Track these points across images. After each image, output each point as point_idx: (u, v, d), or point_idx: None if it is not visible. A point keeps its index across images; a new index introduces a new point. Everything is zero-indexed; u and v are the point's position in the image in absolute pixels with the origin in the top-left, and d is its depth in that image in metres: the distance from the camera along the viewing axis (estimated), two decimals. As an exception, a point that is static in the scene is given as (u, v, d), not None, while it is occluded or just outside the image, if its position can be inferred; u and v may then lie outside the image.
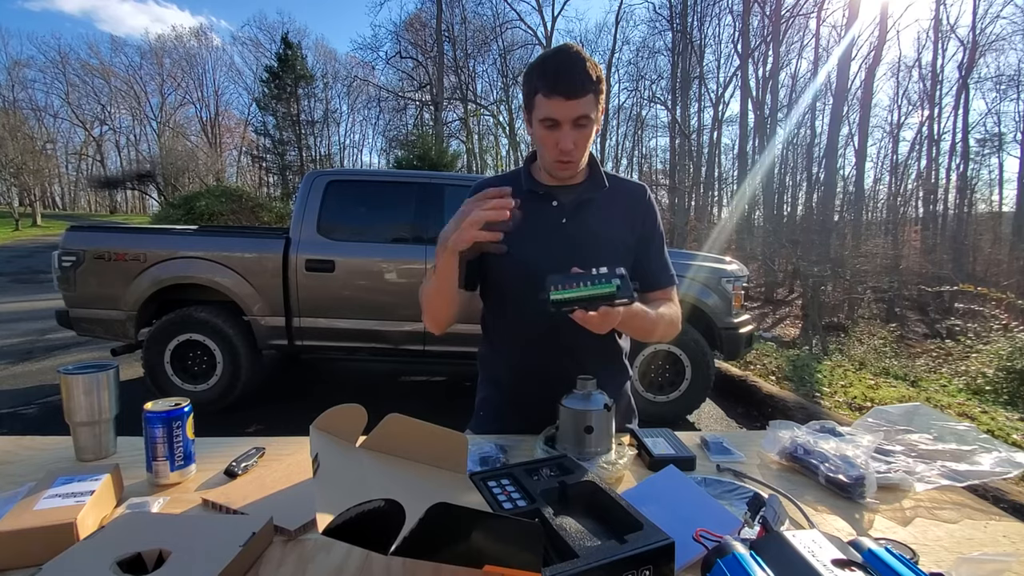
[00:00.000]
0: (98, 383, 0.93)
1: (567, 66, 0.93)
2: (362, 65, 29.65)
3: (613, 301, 0.83)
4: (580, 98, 0.93)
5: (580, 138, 0.97)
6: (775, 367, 4.24)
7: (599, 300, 0.83)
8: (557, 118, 0.94)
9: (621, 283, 0.84)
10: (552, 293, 0.84)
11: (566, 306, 0.84)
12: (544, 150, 1.01)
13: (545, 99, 0.94)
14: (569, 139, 0.96)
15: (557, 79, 0.92)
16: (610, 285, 0.84)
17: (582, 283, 0.84)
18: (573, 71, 0.92)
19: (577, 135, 0.96)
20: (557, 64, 0.93)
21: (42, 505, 0.67)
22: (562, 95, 0.92)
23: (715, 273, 3.41)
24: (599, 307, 0.82)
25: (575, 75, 0.92)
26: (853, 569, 0.52)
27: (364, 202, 3.56)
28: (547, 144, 0.99)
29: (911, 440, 0.96)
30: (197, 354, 3.53)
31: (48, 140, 37.34)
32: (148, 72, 40.94)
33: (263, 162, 28.82)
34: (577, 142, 0.97)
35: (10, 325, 6.15)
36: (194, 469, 0.88)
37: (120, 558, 0.60)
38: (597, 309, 0.82)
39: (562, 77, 0.92)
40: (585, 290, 0.84)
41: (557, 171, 1.03)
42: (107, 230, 3.85)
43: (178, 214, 15.32)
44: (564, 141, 0.96)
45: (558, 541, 0.60)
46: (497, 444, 0.98)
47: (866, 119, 11.55)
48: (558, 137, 0.96)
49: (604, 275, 0.84)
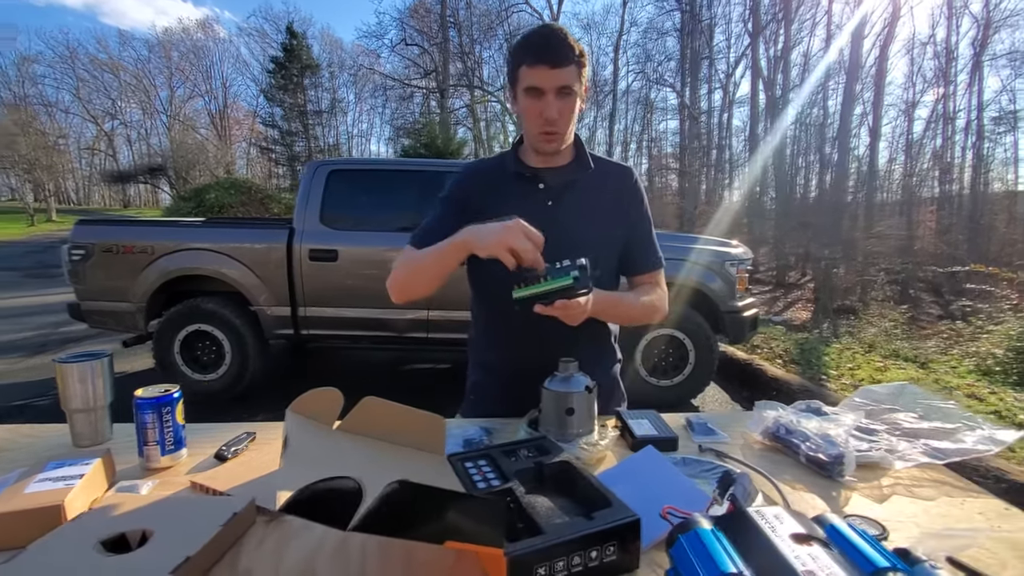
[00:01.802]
0: (92, 371, 0.96)
1: (551, 38, 0.96)
2: (367, 53, 29.54)
3: (572, 293, 0.86)
4: (563, 67, 0.95)
5: (564, 107, 0.98)
6: (782, 350, 4.21)
7: (557, 294, 0.86)
8: (541, 86, 0.96)
9: (579, 274, 0.87)
10: (514, 291, 0.89)
11: (528, 302, 0.88)
12: (529, 123, 1.02)
13: (529, 68, 0.96)
14: (553, 108, 0.97)
15: (541, 49, 0.96)
16: (567, 278, 0.87)
17: (542, 278, 0.87)
18: (557, 42, 0.95)
19: (561, 104, 0.98)
20: (541, 36, 0.97)
21: (32, 488, 0.70)
22: (546, 63, 0.95)
23: (719, 256, 3.38)
24: (555, 300, 0.86)
25: (558, 46, 0.95)
26: (811, 543, 0.53)
27: (366, 191, 3.57)
28: (532, 116, 0.99)
29: (896, 419, 0.96)
30: (206, 344, 3.59)
31: (60, 135, 37.77)
32: (156, 65, 41.14)
33: (271, 153, 28.92)
34: (561, 111, 0.98)
35: (25, 319, 6.28)
36: (185, 453, 0.90)
37: (104, 538, 0.62)
38: (554, 303, 0.86)
39: (546, 47, 0.95)
40: (543, 285, 0.87)
41: (542, 144, 1.03)
42: (114, 223, 3.91)
43: (189, 207, 15.49)
44: (549, 110, 0.97)
45: (526, 518, 0.62)
46: (482, 427, 1.00)
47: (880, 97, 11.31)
48: (542, 106, 0.98)
49: (564, 268, 0.87)
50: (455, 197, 1.10)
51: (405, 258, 1.06)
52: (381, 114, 34.95)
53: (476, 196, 1.08)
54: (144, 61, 41.23)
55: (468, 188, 1.10)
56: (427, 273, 1.00)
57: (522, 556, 0.54)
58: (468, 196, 1.09)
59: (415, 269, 1.03)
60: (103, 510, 0.68)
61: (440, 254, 0.96)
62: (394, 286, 1.05)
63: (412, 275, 1.03)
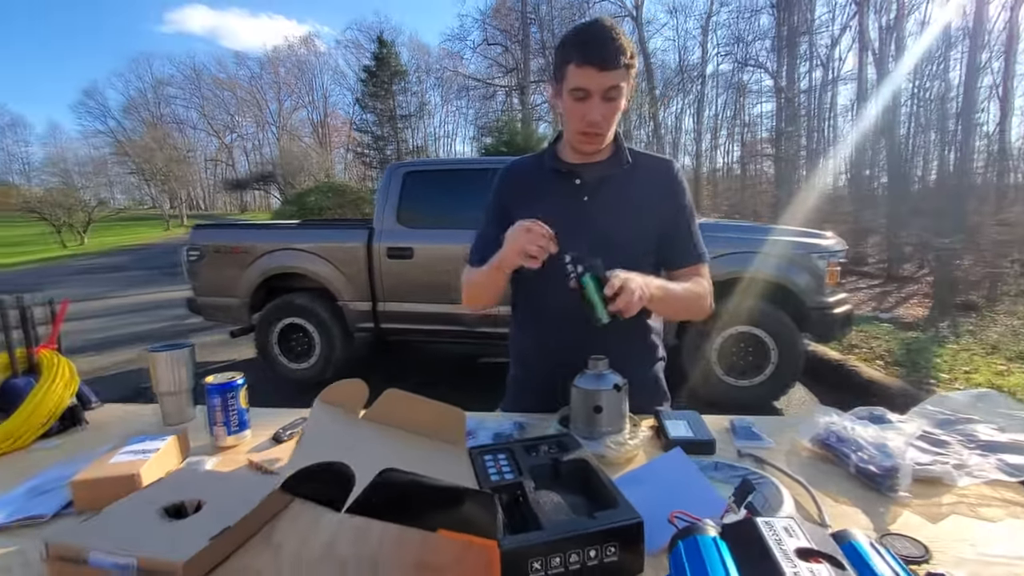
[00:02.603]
0: (177, 359, 1.09)
1: (601, 38, 0.92)
2: (451, 56, 30.39)
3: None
4: (612, 70, 0.92)
5: (608, 111, 0.97)
6: (884, 350, 3.81)
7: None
8: (588, 88, 0.94)
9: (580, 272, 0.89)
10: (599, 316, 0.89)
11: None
12: (571, 122, 1.01)
13: (577, 68, 0.94)
14: (598, 111, 0.96)
15: (590, 49, 0.92)
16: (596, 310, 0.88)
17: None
18: (607, 43, 0.92)
19: (606, 108, 0.96)
20: (591, 35, 0.93)
21: (116, 459, 0.81)
22: (595, 65, 0.92)
23: (805, 248, 3.12)
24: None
25: (608, 47, 0.92)
26: (819, 560, 0.49)
27: (439, 190, 3.70)
28: (575, 116, 0.98)
29: (972, 430, 0.85)
30: (299, 336, 3.92)
31: (189, 149, 42.64)
32: (266, 81, 45.23)
33: (365, 157, 30.64)
34: (605, 115, 0.97)
35: (158, 311, 7.19)
36: (248, 434, 1.01)
37: (166, 505, 0.71)
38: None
39: (596, 47, 0.92)
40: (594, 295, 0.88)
41: (582, 145, 1.02)
42: (223, 227, 4.36)
43: (292, 210, 16.87)
44: (592, 113, 0.96)
45: (530, 514, 0.63)
46: (517, 422, 1.02)
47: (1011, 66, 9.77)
48: (587, 109, 0.96)
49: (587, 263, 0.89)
50: (493, 205, 1.13)
51: (466, 278, 1.14)
52: (465, 115, 35.88)
53: (512, 198, 1.10)
54: (256, 78, 45.49)
55: (503, 192, 1.13)
56: (485, 292, 1.08)
57: (515, 549, 0.56)
58: (504, 200, 1.11)
59: (474, 289, 1.11)
60: (169, 481, 0.78)
61: (488, 276, 1.02)
62: (466, 301, 1.15)
63: (474, 294, 1.11)
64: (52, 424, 1.04)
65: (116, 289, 10.00)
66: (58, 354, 1.12)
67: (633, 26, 18.78)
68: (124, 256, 16.49)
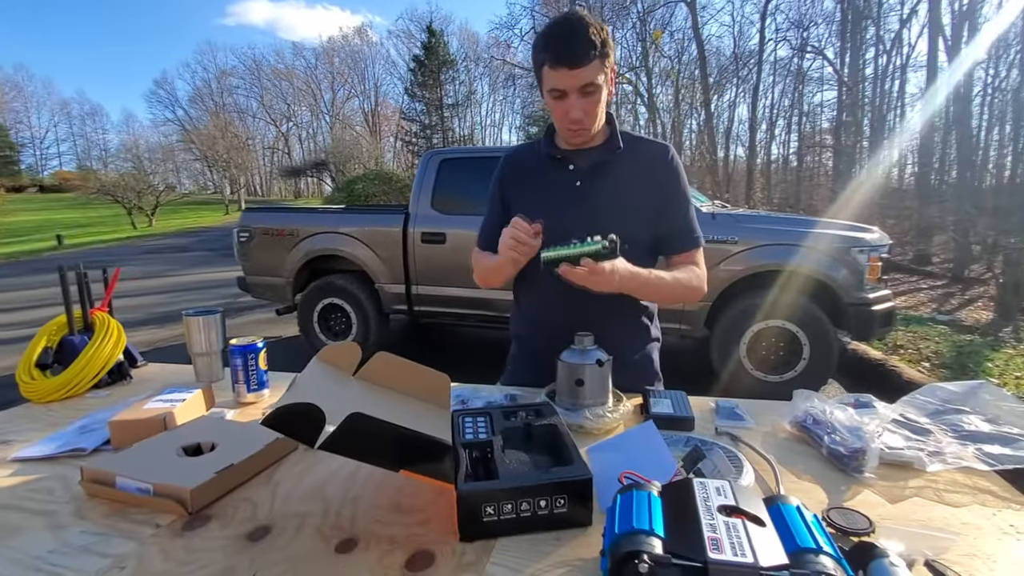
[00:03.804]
0: (209, 323, 1.21)
1: (569, 35, 0.94)
2: (499, 44, 30.37)
3: (598, 258, 0.89)
4: (585, 66, 0.94)
5: (588, 105, 0.99)
6: (932, 351, 3.63)
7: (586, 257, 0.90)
8: (564, 88, 0.97)
9: (609, 244, 0.89)
10: (542, 251, 0.93)
11: (555, 264, 0.91)
12: (555, 120, 1.05)
13: (551, 70, 0.96)
14: (578, 108, 0.98)
15: (560, 49, 0.95)
16: (596, 244, 0.89)
17: (571, 244, 0.91)
18: (575, 39, 0.94)
19: (585, 103, 0.99)
20: (559, 34, 0.95)
21: (150, 405, 0.93)
22: (566, 65, 0.94)
23: (844, 242, 3.01)
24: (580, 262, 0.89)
25: (578, 44, 0.93)
26: (740, 516, 0.53)
27: (473, 177, 3.76)
28: (557, 114, 1.02)
29: (959, 420, 0.85)
30: (338, 315, 4.10)
31: (249, 137, 44.59)
32: (322, 71, 46.70)
33: (413, 146, 31.20)
34: (586, 109, 0.99)
35: (215, 290, 7.65)
36: (267, 393, 1.11)
37: (186, 444, 0.81)
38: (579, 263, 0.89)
39: (565, 47, 0.94)
40: (571, 248, 0.90)
41: (570, 139, 1.07)
42: (270, 211, 4.61)
43: (341, 196, 17.44)
44: (573, 111, 0.99)
45: (493, 468, 0.68)
46: (509, 394, 1.07)
47: None
48: (567, 107, 0.99)
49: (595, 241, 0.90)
50: (494, 192, 1.19)
51: (475, 261, 1.21)
52: (512, 103, 35.82)
53: (510, 184, 1.16)
54: (312, 68, 46.99)
55: (503, 178, 1.17)
56: (495, 277, 1.14)
57: (469, 492, 0.61)
58: (504, 186, 1.17)
59: (485, 274, 1.17)
60: (191, 425, 0.89)
61: (498, 265, 1.07)
62: (478, 282, 1.22)
63: (485, 277, 1.18)
64: (102, 377, 1.18)
65: (178, 268, 10.67)
66: (109, 316, 1.26)
67: (687, 12, 18.19)
68: (187, 238, 17.52)
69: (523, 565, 0.57)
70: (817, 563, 0.46)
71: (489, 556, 0.58)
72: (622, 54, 23.34)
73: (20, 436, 0.92)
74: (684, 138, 21.64)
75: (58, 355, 1.17)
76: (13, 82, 49.40)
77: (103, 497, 0.71)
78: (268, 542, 0.61)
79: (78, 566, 0.57)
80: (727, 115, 23.46)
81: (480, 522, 0.61)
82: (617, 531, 0.52)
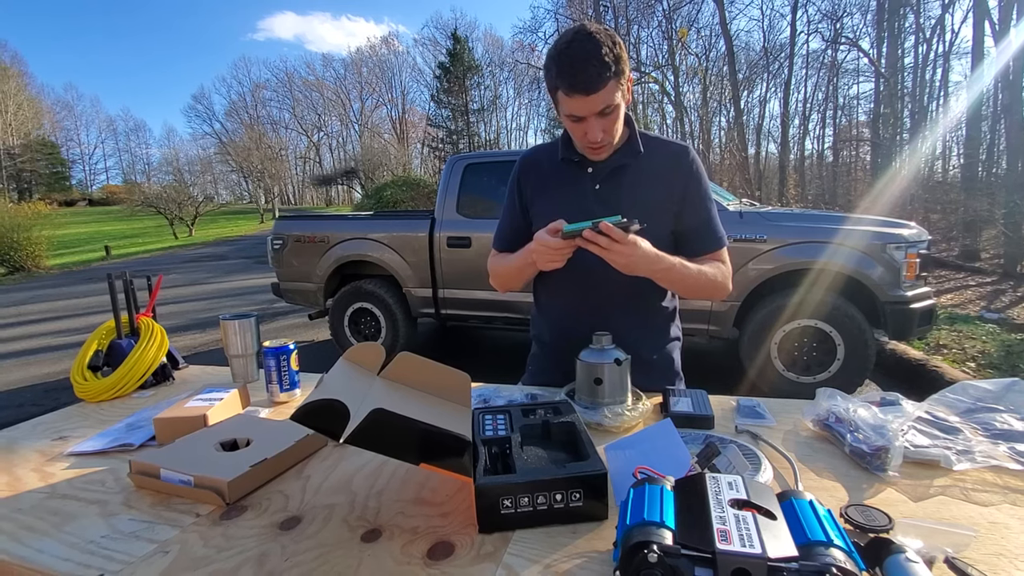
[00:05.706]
0: (244, 327, 1.26)
1: (582, 61, 0.91)
2: (524, 49, 30.48)
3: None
4: (600, 91, 0.93)
5: (607, 124, 0.99)
6: (978, 351, 3.48)
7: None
8: (581, 115, 0.97)
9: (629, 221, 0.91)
10: (565, 227, 0.94)
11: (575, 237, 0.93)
12: (575, 139, 1.06)
13: (566, 96, 0.95)
14: (596, 129, 0.98)
15: (574, 77, 0.92)
16: (616, 217, 0.90)
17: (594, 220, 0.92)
18: (588, 64, 0.91)
19: (604, 123, 0.98)
20: (572, 60, 0.92)
21: (189, 404, 0.98)
22: (582, 92, 0.93)
23: (880, 238, 2.92)
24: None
25: (591, 68, 0.91)
26: (751, 510, 0.53)
27: (497, 181, 3.81)
28: (576, 135, 1.03)
29: (991, 419, 0.83)
30: (367, 320, 4.19)
31: (282, 148, 45.93)
32: (350, 81, 47.72)
33: (439, 152, 31.58)
34: (605, 129, 0.99)
35: (250, 296, 7.91)
36: (298, 393, 1.15)
37: (223, 440, 0.86)
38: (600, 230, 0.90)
39: (579, 74, 0.92)
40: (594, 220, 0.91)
41: (591, 155, 1.07)
42: (302, 218, 4.75)
43: (370, 203, 17.78)
44: (592, 133, 0.98)
45: (511, 463, 0.70)
46: (530, 393, 1.09)
47: None
48: (585, 128, 0.99)
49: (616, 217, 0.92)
50: (511, 193, 1.19)
51: (493, 263, 1.21)
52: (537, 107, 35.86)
53: (528, 186, 1.16)
54: (341, 79, 48.09)
55: (521, 180, 1.18)
56: (515, 279, 1.15)
57: (487, 486, 0.64)
58: (522, 188, 1.17)
59: (503, 276, 1.18)
60: (229, 423, 0.94)
61: (518, 268, 1.08)
62: (495, 285, 1.23)
63: (504, 279, 1.19)
64: (147, 378, 1.25)
65: (217, 275, 11.06)
66: (154, 321, 1.33)
67: (714, 8, 17.89)
68: (225, 246, 18.12)
69: (540, 556, 0.59)
70: (827, 555, 0.47)
71: (507, 547, 0.61)
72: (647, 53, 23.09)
73: (75, 433, 0.99)
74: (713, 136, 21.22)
75: (108, 358, 1.25)
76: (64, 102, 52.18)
77: (149, 488, 0.76)
78: (299, 531, 0.65)
79: (127, 550, 0.62)
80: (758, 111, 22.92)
81: (498, 515, 0.63)
82: (629, 523, 0.53)
